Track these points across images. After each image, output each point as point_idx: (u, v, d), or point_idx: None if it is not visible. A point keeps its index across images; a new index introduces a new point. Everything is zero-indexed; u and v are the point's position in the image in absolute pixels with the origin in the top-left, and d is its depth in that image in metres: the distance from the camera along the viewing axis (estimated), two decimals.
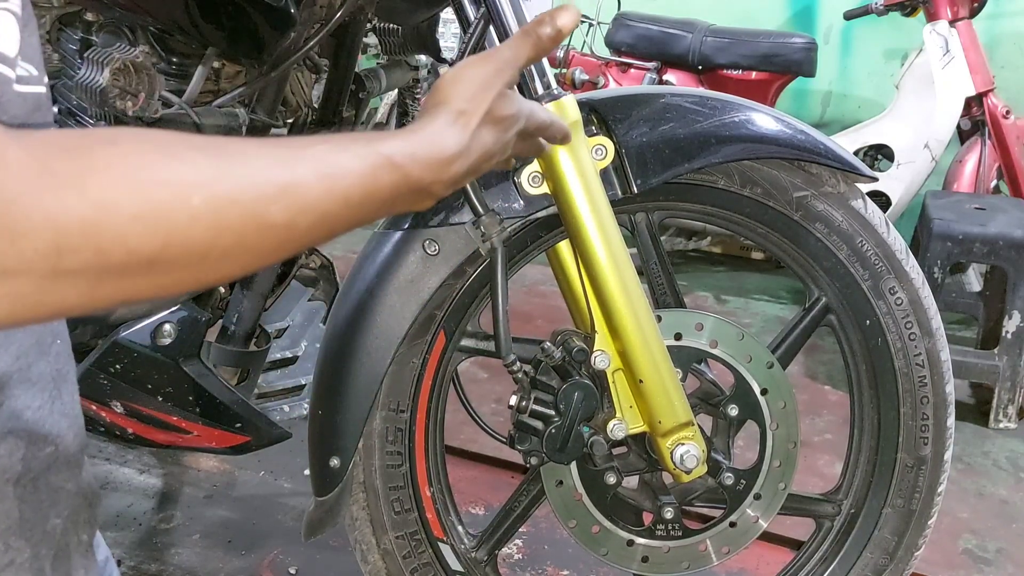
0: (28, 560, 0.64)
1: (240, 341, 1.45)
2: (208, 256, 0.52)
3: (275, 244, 0.55)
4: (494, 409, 2.39)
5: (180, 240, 0.50)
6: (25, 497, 0.64)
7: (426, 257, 1.19)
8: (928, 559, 1.63)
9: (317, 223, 0.56)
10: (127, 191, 0.49)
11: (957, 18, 3.09)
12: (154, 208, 0.49)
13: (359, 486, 1.30)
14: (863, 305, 1.30)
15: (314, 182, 0.56)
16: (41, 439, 0.65)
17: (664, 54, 3.47)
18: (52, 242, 0.47)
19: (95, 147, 0.49)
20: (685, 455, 1.21)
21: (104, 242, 0.48)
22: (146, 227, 0.49)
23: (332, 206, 0.57)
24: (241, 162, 0.53)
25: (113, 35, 1.31)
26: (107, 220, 0.48)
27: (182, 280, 0.52)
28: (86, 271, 0.48)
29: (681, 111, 1.21)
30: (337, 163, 0.58)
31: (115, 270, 0.49)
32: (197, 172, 0.51)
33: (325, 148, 0.58)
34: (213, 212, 0.51)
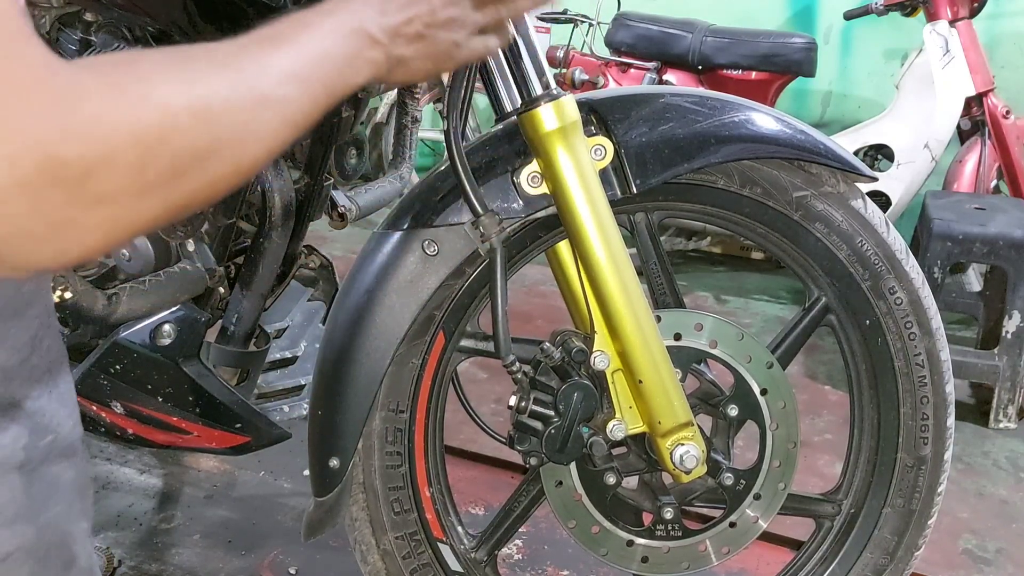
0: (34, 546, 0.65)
1: (240, 341, 1.45)
2: (240, 139, 0.58)
3: (278, 118, 0.61)
4: (494, 409, 2.39)
5: (220, 128, 0.56)
6: (29, 484, 0.65)
7: (425, 257, 1.19)
8: (928, 559, 1.63)
9: (301, 94, 0.64)
10: (179, 90, 0.54)
11: (957, 18, 3.09)
12: (200, 101, 0.54)
13: (359, 486, 1.30)
14: (863, 305, 1.30)
15: (293, 59, 0.64)
16: (42, 428, 0.66)
17: (664, 54, 3.47)
18: (139, 156, 0.51)
19: (137, 59, 0.54)
20: (685, 455, 1.21)
21: (176, 143, 0.53)
22: (200, 120, 0.54)
23: (308, 72, 0.65)
24: (242, 59, 0.61)
25: (112, 35, 1.31)
26: (173, 121, 0.53)
27: (228, 168, 0.58)
28: (165, 178, 0.53)
29: (681, 111, 1.21)
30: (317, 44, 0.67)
31: (185, 170, 0.54)
32: (211, 67, 0.58)
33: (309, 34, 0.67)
34: (235, 96, 0.57)
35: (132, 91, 0.51)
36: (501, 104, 1.15)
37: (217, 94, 0.56)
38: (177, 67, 0.56)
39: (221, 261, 1.43)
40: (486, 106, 4.01)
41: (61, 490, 0.68)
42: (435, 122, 4.45)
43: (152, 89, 0.52)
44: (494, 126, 1.23)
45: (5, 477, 0.63)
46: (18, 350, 0.64)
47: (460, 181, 1.12)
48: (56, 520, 0.68)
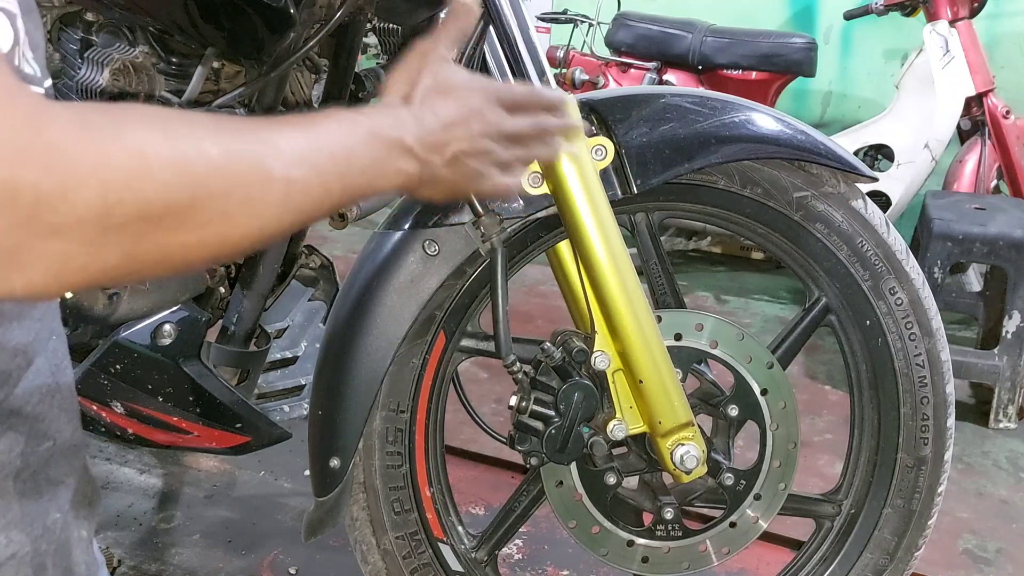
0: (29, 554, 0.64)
1: (240, 341, 1.45)
2: (228, 209, 0.56)
3: (278, 199, 0.59)
4: (494, 409, 2.39)
5: (205, 190, 0.54)
6: (26, 492, 0.64)
7: (426, 257, 1.19)
8: (928, 559, 1.63)
9: (311, 180, 0.62)
10: (158, 141, 0.52)
11: (957, 18, 3.09)
12: (182, 156, 0.53)
13: (359, 486, 1.30)
14: (863, 305, 1.30)
15: (312, 147, 0.63)
16: (40, 434, 0.65)
17: (664, 54, 3.46)
18: (101, 195, 0.49)
19: (121, 108, 0.53)
20: (685, 455, 1.21)
21: (146, 192, 0.51)
22: (178, 174, 0.52)
23: (326, 164, 0.64)
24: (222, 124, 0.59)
25: (113, 35, 1.31)
26: (145, 169, 0.51)
27: (210, 237, 0.56)
28: (129, 226, 0.51)
29: (681, 111, 1.21)
30: (339, 141, 0.66)
31: (154, 224, 0.52)
32: (207, 131, 0.56)
33: (334, 126, 0.66)
34: (229, 162, 0.56)
35: (107, 132, 0.50)
36: None
37: (205, 155, 0.54)
38: (166, 122, 0.54)
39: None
40: None
41: (61, 497, 0.68)
42: None
43: (127, 133, 0.51)
44: None
45: (0, 484, 0.63)
46: (19, 354, 0.63)
47: None
48: (54, 527, 0.67)
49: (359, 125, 0.68)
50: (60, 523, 0.67)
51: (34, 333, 0.65)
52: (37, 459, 0.65)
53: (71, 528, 0.69)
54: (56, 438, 0.67)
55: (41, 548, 0.65)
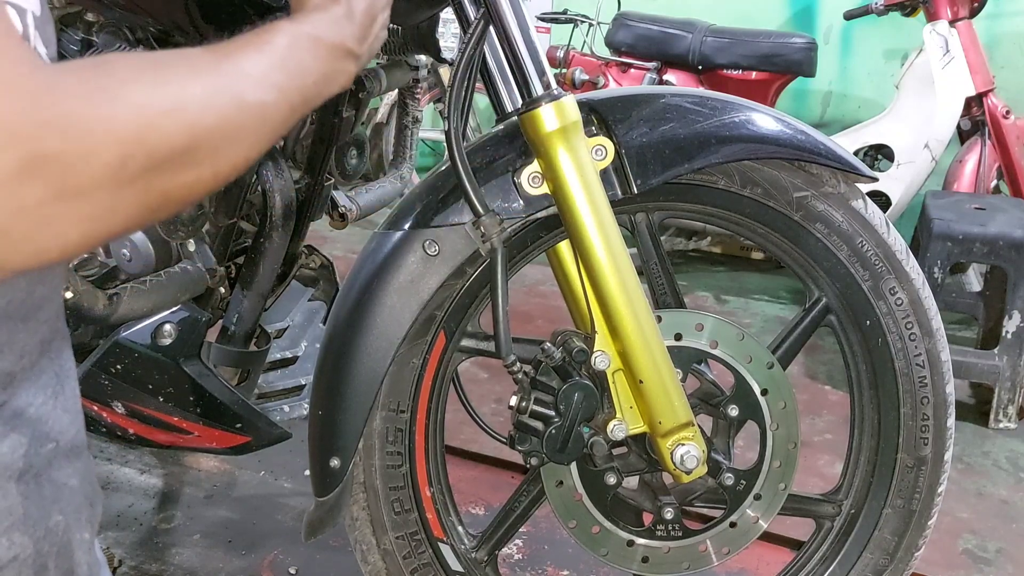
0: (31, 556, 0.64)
1: (240, 341, 1.45)
2: (217, 145, 0.59)
3: (256, 124, 0.63)
4: (494, 409, 2.39)
5: (198, 130, 0.57)
6: (28, 493, 0.64)
7: (426, 257, 1.19)
8: (928, 559, 1.63)
9: (279, 100, 0.66)
10: (153, 92, 0.55)
11: (957, 18, 3.09)
12: (176, 102, 0.56)
13: (359, 486, 1.30)
14: (863, 305, 1.30)
15: (273, 67, 0.67)
16: (43, 435, 0.65)
17: (664, 54, 3.47)
18: (117, 152, 0.52)
19: (109, 63, 0.55)
20: (685, 455, 1.21)
21: (151, 142, 0.54)
22: (175, 120, 0.56)
23: (287, 81, 0.68)
24: (210, 63, 0.63)
25: (113, 36, 1.31)
26: (149, 121, 0.54)
27: (205, 173, 0.59)
28: (142, 175, 0.54)
29: (681, 111, 1.21)
30: (283, 55, 0.70)
31: (160, 171, 0.55)
32: (188, 72, 0.60)
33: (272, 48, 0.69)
34: (213, 99, 0.59)
35: (109, 92, 0.52)
36: (502, 104, 1.15)
37: (194, 97, 0.58)
38: (153, 70, 0.57)
39: (222, 261, 1.43)
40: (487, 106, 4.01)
41: (64, 499, 0.68)
42: (436, 122, 4.45)
43: (129, 91, 0.53)
44: (495, 126, 1.23)
45: (3, 486, 0.63)
46: (25, 355, 0.63)
47: (461, 181, 1.12)
48: (57, 529, 0.67)
49: (304, 37, 0.73)
50: (62, 525, 0.67)
51: (40, 334, 0.65)
52: (40, 461, 0.65)
53: (73, 530, 0.69)
54: (59, 440, 0.67)
55: (43, 550, 0.65)
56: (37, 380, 0.65)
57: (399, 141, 1.88)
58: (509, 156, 1.18)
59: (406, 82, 1.78)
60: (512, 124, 1.18)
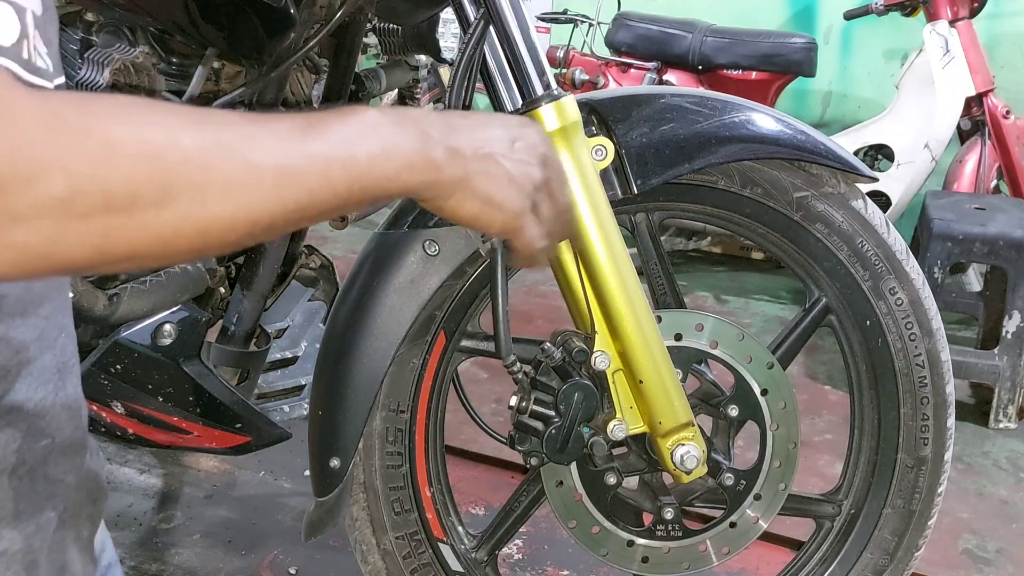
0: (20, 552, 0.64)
1: (240, 341, 1.45)
2: (204, 199, 0.54)
3: (267, 189, 0.57)
4: (494, 409, 2.39)
5: (176, 179, 0.53)
6: (21, 489, 0.64)
7: (426, 257, 1.19)
8: (928, 559, 1.63)
9: (306, 171, 0.59)
10: (128, 133, 0.52)
11: (957, 18, 3.09)
12: (152, 147, 0.52)
13: (359, 486, 1.30)
14: (863, 305, 1.30)
15: (328, 141, 0.60)
16: (39, 431, 0.65)
17: (664, 54, 3.47)
18: (65, 185, 0.49)
19: (95, 99, 0.53)
20: (685, 456, 1.21)
21: (112, 183, 0.51)
22: (145, 166, 0.52)
23: (332, 151, 0.60)
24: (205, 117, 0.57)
25: (113, 35, 1.31)
26: (113, 161, 0.50)
27: (188, 227, 0.54)
28: (94, 216, 0.51)
29: (681, 111, 1.21)
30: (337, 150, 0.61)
31: (121, 214, 0.51)
32: (186, 123, 0.55)
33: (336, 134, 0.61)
34: (203, 153, 0.54)
35: (75, 122, 0.50)
36: (502, 104, 1.15)
37: (178, 146, 0.53)
38: (145, 114, 0.54)
39: (222, 261, 1.43)
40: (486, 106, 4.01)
41: (59, 495, 0.67)
42: None
43: (98, 125, 0.51)
44: None
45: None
46: (21, 350, 0.63)
47: None
48: (48, 526, 0.66)
49: (368, 116, 0.63)
50: (55, 521, 0.67)
51: (39, 330, 0.65)
52: (34, 456, 0.65)
53: (67, 527, 0.68)
54: (56, 436, 0.67)
55: (33, 546, 0.65)
56: (37, 375, 0.65)
57: None
58: None
59: (406, 82, 1.78)
60: None
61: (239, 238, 0.57)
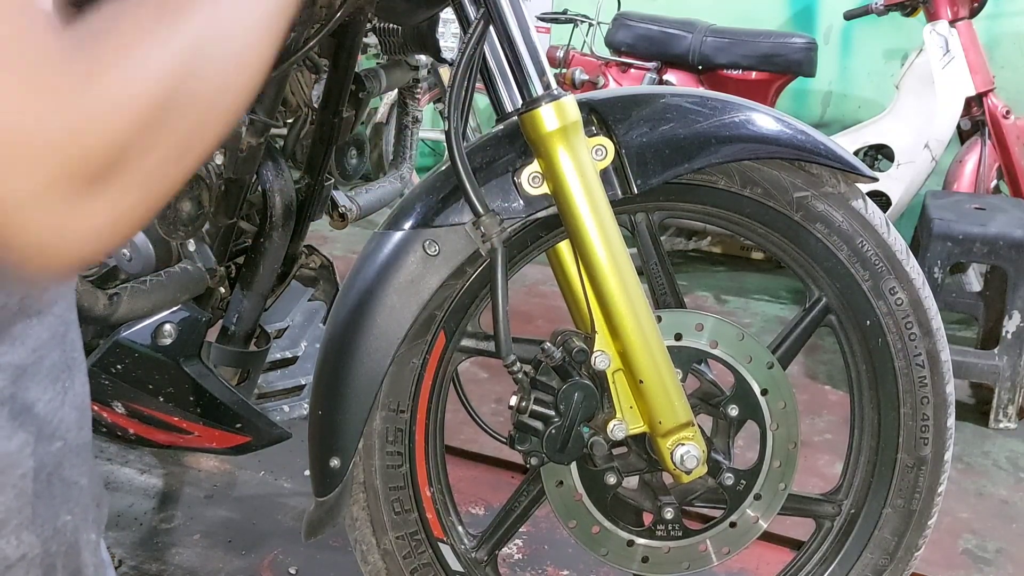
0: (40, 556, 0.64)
1: (240, 341, 1.45)
2: (232, 56, 0.53)
3: (256, 52, 0.57)
4: (494, 409, 2.39)
5: (202, 67, 0.51)
6: (40, 493, 0.64)
7: (426, 257, 1.19)
8: (928, 559, 1.63)
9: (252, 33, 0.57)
10: (169, 50, 0.49)
11: (957, 18, 3.09)
12: (169, 59, 0.49)
13: (359, 486, 1.30)
14: (863, 305, 1.30)
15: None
16: (51, 433, 0.65)
17: (664, 54, 3.47)
18: (146, 133, 0.48)
19: (91, 29, 0.49)
20: (685, 455, 1.21)
21: (182, 105, 0.49)
22: (173, 76, 0.49)
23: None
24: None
25: None
26: (174, 83, 0.49)
27: (231, 91, 0.54)
28: (182, 140, 0.50)
29: (681, 111, 1.21)
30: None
31: (187, 122, 0.50)
32: (164, 22, 0.51)
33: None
34: (204, 23, 0.52)
35: (132, 60, 0.48)
36: (502, 104, 1.15)
37: (176, 57, 0.50)
38: (156, 18, 0.50)
39: (222, 261, 1.43)
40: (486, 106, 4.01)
41: (73, 498, 0.67)
42: (436, 122, 4.45)
43: (146, 53, 0.49)
44: (495, 126, 1.23)
45: (13, 485, 0.62)
46: (37, 349, 0.63)
47: (461, 181, 1.12)
48: (65, 529, 0.66)
49: None
50: (71, 525, 0.67)
51: (52, 329, 0.65)
52: (51, 459, 0.65)
53: (81, 530, 0.68)
54: (67, 437, 0.66)
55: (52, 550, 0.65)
56: (48, 374, 0.64)
57: (399, 141, 1.88)
58: (509, 156, 1.18)
59: (406, 82, 1.78)
60: (512, 124, 1.18)
61: (277, 38, 0.58)
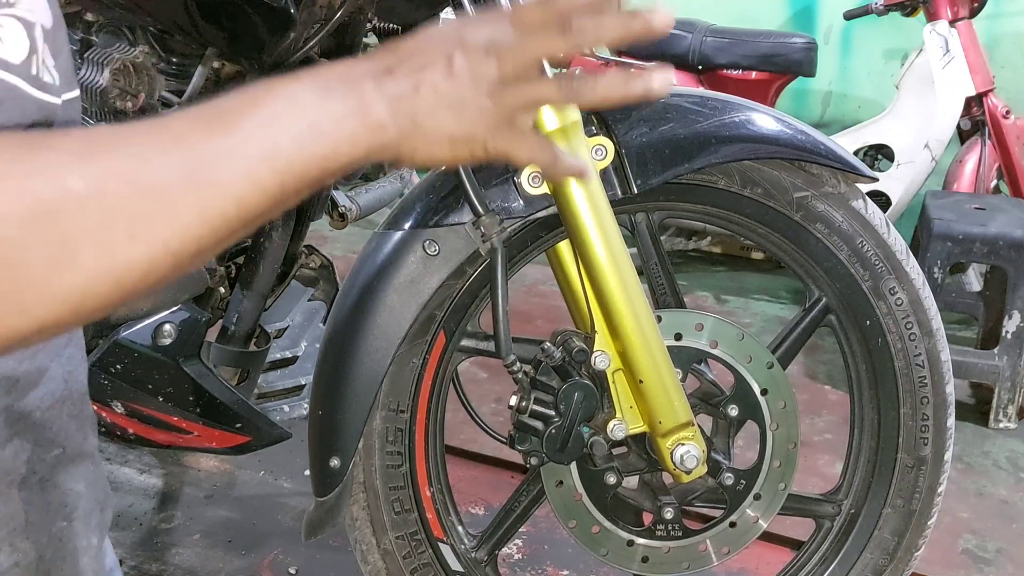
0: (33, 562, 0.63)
1: (240, 341, 1.45)
2: (107, 247, 0.47)
3: (172, 223, 0.49)
4: (494, 409, 2.39)
5: (73, 232, 0.46)
6: (31, 499, 0.63)
7: (426, 257, 1.19)
8: (928, 559, 1.63)
9: (229, 180, 0.50)
10: (5, 193, 0.45)
11: (957, 18, 3.09)
12: (35, 204, 0.45)
13: (359, 486, 1.30)
14: (863, 305, 1.30)
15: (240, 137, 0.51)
16: (48, 441, 0.64)
17: (664, 54, 3.46)
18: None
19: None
20: (685, 455, 1.21)
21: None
22: (33, 228, 0.45)
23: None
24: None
25: (113, 35, 1.32)
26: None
27: (101, 273, 0.47)
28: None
29: (681, 111, 1.21)
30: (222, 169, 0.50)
31: (16, 286, 0.46)
32: (63, 158, 0.47)
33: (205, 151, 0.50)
34: (96, 192, 0.47)
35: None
36: None
37: (66, 191, 0.46)
38: (9, 154, 0.46)
39: (222, 261, 1.43)
40: None
41: (70, 504, 0.66)
42: None
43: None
44: None
45: (4, 492, 0.62)
46: (27, 359, 0.62)
47: (461, 181, 1.12)
48: (60, 535, 0.66)
49: (284, 90, 0.53)
50: (67, 531, 0.66)
51: (51, 340, 0.64)
52: (44, 466, 0.64)
53: (79, 536, 0.68)
54: (65, 446, 0.66)
55: (46, 556, 0.65)
56: (44, 385, 0.64)
57: None
58: None
59: None
60: None
61: (166, 273, 0.49)
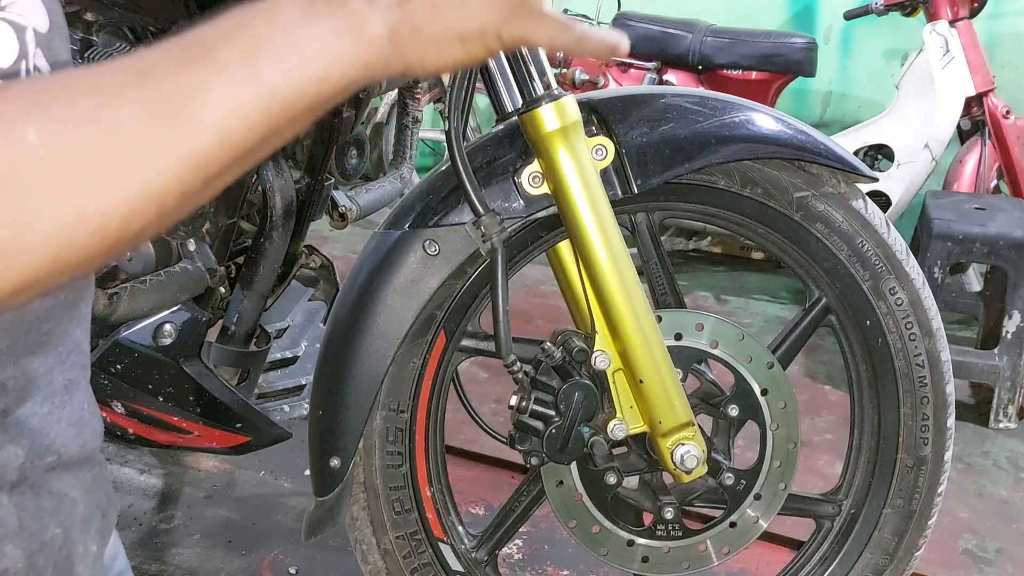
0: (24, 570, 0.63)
1: (240, 341, 1.45)
2: (76, 202, 0.43)
3: (148, 167, 0.45)
4: (494, 409, 2.39)
5: (34, 191, 0.42)
6: (24, 505, 0.63)
7: (426, 257, 1.19)
8: (928, 559, 1.63)
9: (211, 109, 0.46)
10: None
11: (957, 18, 3.09)
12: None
13: (359, 486, 1.30)
14: (863, 305, 1.30)
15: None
16: (43, 448, 0.64)
17: (664, 54, 3.46)
18: None
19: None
20: (685, 455, 1.21)
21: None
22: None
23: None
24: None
25: (113, 35, 1.32)
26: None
27: (64, 243, 0.43)
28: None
29: (681, 111, 1.21)
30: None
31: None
32: (21, 108, 0.43)
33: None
34: (57, 143, 0.43)
35: None
36: (502, 104, 1.15)
37: (21, 144, 0.42)
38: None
39: (222, 261, 1.43)
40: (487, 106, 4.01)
41: (64, 511, 0.66)
42: (436, 122, 4.45)
43: None
44: (495, 126, 1.23)
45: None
46: (25, 364, 0.62)
47: (461, 181, 1.12)
48: (54, 542, 0.65)
49: (266, 7, 0.48)
50: (61, 538, 0.65)
51: (43, 345, 0.63)
52: (37, 473, 0.63)
53: (75, 543, 0.67)
54: (61, 452, 0.65)
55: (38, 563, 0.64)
56: (42, 390, 0.63)
57: (399, 141, 1.88)
58: (509, 156, 1.18)
59: (406, 82, 1.78)
60: (512, 124, 1.18)
61: (154, 218, 0.45)
